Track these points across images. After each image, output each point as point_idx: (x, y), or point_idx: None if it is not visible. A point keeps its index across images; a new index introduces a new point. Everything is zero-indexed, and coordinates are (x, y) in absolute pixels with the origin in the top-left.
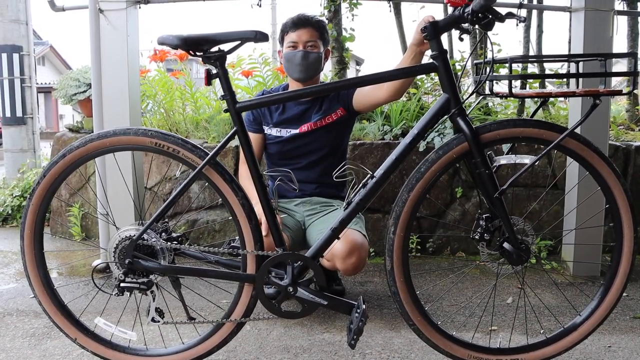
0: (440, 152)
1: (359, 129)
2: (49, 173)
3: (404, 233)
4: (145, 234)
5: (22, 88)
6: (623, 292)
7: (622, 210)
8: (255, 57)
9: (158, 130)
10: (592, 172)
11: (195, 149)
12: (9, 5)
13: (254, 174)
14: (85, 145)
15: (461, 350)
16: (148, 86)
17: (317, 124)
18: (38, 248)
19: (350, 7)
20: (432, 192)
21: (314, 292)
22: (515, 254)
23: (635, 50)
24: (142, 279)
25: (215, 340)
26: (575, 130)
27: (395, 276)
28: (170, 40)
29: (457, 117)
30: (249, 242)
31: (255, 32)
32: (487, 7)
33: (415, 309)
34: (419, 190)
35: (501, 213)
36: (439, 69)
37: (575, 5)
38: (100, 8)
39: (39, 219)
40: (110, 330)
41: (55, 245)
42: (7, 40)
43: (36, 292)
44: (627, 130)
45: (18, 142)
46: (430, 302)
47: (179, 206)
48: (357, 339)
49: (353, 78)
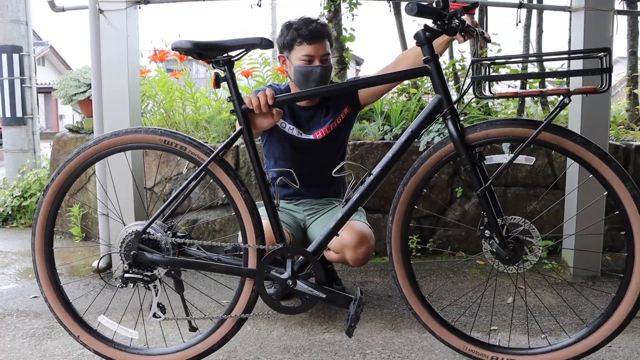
0: (432, 151)
1: (359, 129)
2: (64, 170)
3: (401, 222)
4: (151, 229)
5: (22, 88)
6: (637, 309)
7: (617, 188)
8: (255, 57)
9: (167, 129)
10: (581, 163)
11: (201, 146)
12: (8, 5)
13: (257, 171)
14: (98, 144)
15: (458, 341)
16: (148, 86)
17: (330, 127)
18: (48, 245)
19: (350, 7)
20: (432, 191)
21: (313, 286)
22: (501, 253)
23: (635, 49)
24: (146, 272)
25: (216, 337)
26: (551, 123)
27: (394, 261)
28: (184, 45)
29: (447, 117)
30: (251, 236)
31: (261, 39)
32: (418, 14)
33: (412, 293)
34: (413, 184)
35: (487, 211)
36: (432, 72)
37: (575, 4)
38: (100, 8)
39: (51, 215)
40: (113, 328)
41: (55, 245)
42: (7, 41)
43: (43, 289)
44: (627, 130)
45: (18, 143)
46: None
47: (180, 206)
48: (354, 327)
49: (359, 79)
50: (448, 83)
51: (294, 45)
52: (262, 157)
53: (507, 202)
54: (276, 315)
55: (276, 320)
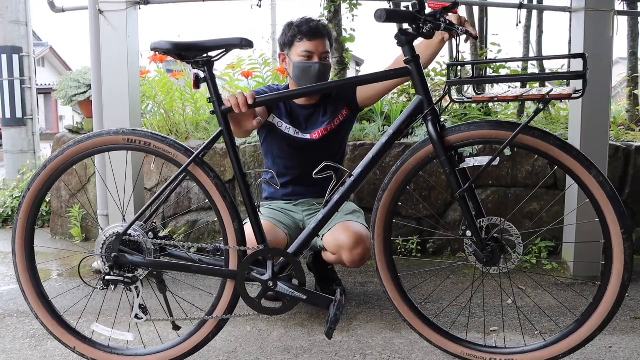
0: (413, 151)
1: (359, 129)
2: (33, 185)
3: (384, 216)
4: (133, 230)
5: (22, 89)
6: (624, 293)
7: (597, 196)
8: (255, 58)
9: (128, 129)
10: (560, 166)
11: (181, 148)
12: (8, 6)
13: (238, 172)
14: (63, 154)
15: (455, 346)
16: (148, 87)
17: (327, 128)
18: (30, 262)
19: (350, 7)
20: (432, 193)
21: (294, 287)
22: (479, 255)
23: (635, 50)
24: (127, 274)
25: (197, 339)
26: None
27: (376, 253)
28: (163, 45)
29: (427, 118)
30: (232, 238)
31: (240, 40)
32: (389, 19)
33: (394, 286)
34: (397, 180)
35: (465, 213)
36: (412, 73)
37: (576, 5)
38: (100, 9)
39: (28, 232)
40: (108, 334)
41: (56, 246)
42: (7, 42)
43: (32, 305)
44: (627, 131)
45: (18, 143)
46: (417, 301)
47: (179, 207)
48: (333, 329)
49: (340, 80)
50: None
51: (295, 42)
52: (261, 156)
53: (508, 203)
54: (276, 316)
55: (276, 320)
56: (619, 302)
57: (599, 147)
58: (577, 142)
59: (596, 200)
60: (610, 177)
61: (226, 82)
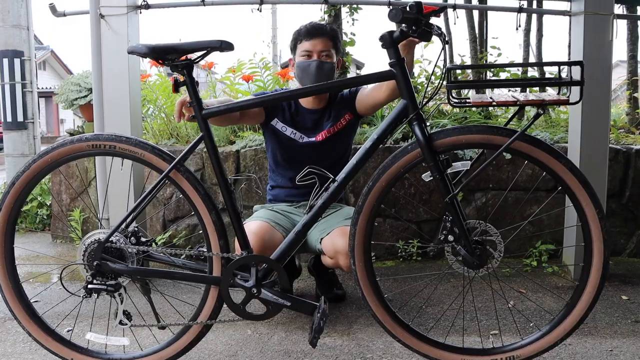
0: (399, 156)
1: (359, 133)
2: (5, 203)
3: (368, 214)
4: (114, 237)
5: (23, 93)
6: (607, 269)
7: (584, 203)
8: (255, 62)
9: (92, 134)
10: (549, 173)
11: (162, 154)
12: (10, 10)
13: (220, 178)
14: (30, 168)
15: (454, 356)
16: (149, 91)
17: (330, 131)
18: (14, 281)
19: (350, 11)
20: (432, 196)
21: (278, 294)
22: (469, 259)
23: (635, 53)
24: (110, 282)
25: (181, 344)
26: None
27: (355, 247)
28: (139, 49)
29: (413, 122)
30: (215, 245)
31: (220, 42)
32: (402, 20)
33: (368, 283)
34: (382, 183)
35: (454, 217)
36: (397, 76)
37: (575, 9)
38: (101, 13)
39: (7, 247)
40: (103, 342)
41: (56, 250)
42: (8, 46)
43: (23, 324)
44: (627, 134)
45: (19, 147)
46: (400, 305)
47: (180, 211)
48: (317, 337)
49: (322, 84)
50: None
51: (297, 45)
52: (261, 160)
53: (508, 207)
54: (277, 320)
55: (277, 324)
56: (604, 278)
57: (599, 150)
58: (577, 146)
59: (568, 187)
60: (610, 179)
61: (227, 85)
